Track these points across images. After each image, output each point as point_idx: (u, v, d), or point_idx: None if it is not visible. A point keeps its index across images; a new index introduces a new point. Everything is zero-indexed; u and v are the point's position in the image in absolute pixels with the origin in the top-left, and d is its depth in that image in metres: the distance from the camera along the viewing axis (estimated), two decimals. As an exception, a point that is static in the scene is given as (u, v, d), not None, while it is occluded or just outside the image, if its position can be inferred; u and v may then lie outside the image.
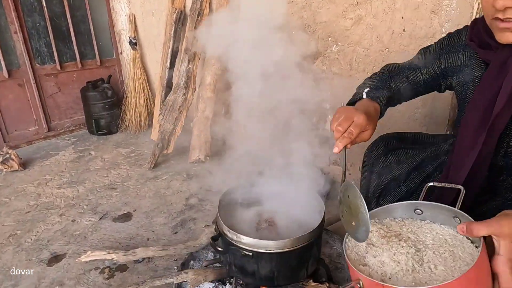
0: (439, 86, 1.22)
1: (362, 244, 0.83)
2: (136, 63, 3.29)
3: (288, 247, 1.13)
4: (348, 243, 0.85)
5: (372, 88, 1.15)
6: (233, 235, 1.16)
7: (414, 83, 1.21)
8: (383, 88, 1.15)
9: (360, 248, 0.83)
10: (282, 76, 1.78)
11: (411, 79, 1.21)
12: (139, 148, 2.95)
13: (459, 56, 1.08)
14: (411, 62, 1.24)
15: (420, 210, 0.88)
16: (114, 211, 2.07)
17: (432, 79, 1.19)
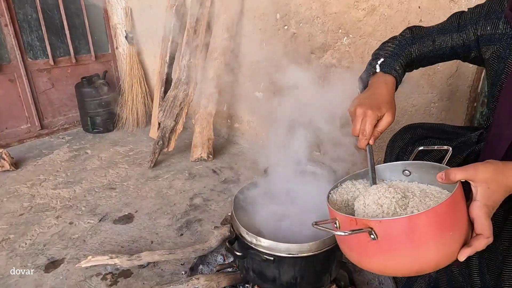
0: (467, 54, 1.08)
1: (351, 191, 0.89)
2: (133, 58, 3.16)
3: (313, 251, 1.04)
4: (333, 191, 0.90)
5: (387, 57, 1.05)
6: (252, 238, 1.06)
7: (440, 48, 1.09)
8: (400, 55, 1.06)
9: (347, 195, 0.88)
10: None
11: (437, 43, 1.09)
12: (138, 146, 2.83)
13: (499, 24, 0.97)
14: (440, 25, 1.11)
15: (408, 171, 0.89)
16: (114, 213, 1.95)
17: (463, 46, 1.08)
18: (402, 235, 0.66)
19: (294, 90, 2.35)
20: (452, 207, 0.66)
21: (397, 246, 0.67)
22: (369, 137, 0.88)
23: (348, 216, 0.72)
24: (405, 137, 1.27)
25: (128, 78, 3.16)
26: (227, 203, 2.05)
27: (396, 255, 0.68)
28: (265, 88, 2.48)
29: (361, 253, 0.74)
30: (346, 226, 0.72)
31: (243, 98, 2.64)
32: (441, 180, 0.72)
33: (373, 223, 0.67)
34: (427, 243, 0.66)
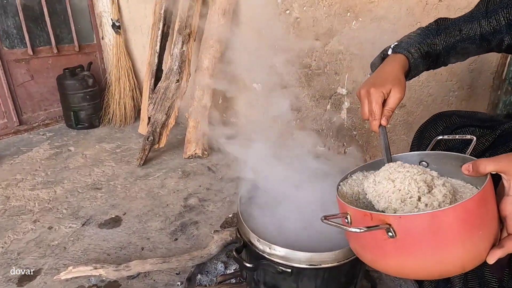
0: (500, 42, 0.97)
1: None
2: (120, 49, 2.95)
3: (339, 260, 0.87)
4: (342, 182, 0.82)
5: (404, 41, 0.97)
6: (265, 246, 0.89)
7: (468, 37, 0.98)
8: (420, 42, 0.96)
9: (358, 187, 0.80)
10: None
11: (464, 32, 0.98)
12: (126, 143, 2.62)
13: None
14: (467, 13, 1.01)
15: (426, 162, 0.83)
16: (100, 216, 1.75)
17: (493, 32, 0.96)
18: (425, 233, 0.59)
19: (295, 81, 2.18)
20: (482, 202, 0.60)
21: (419, 245, 0.60)
22: (379, 117, 0.82)
23: (362, 210, 0.64)
24: (438, 126, 1.11)
25: (115, 70, 2.95)
26: (226, 203, 1.87)
27: (417, 256, 0.61)
28: (264, 79, 2.30)
29: (376, 252, 0.67)
30: (359, 221, 0.64)
31: (240, 90, 2.46)
32: (468, 172, 0.66)
33: (392, 218, 0.60)
34: (453, 243, 0.59)
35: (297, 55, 2.09)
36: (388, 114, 0.83)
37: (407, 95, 1.78)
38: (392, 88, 0.83)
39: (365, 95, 0.85)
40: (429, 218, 0.58)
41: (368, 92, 0.84)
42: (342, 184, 0.82)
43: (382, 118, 0.83)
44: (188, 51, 2.27)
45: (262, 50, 2.21)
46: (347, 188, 0.82)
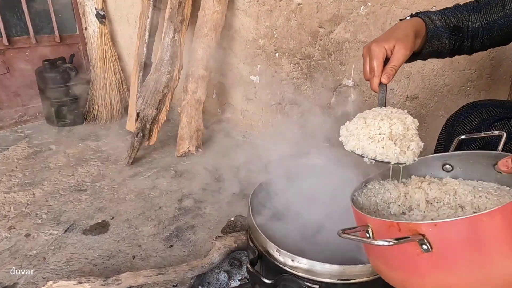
0: None
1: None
2: (104, 40, 2.74)
3: (374, 273, 0.73)
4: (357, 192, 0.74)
5: (430, 11, 0.88)
6: (287, 257, 0.74)
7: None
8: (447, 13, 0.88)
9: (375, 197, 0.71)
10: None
11: (508, 8, 0.87)
12: (112, 140, 2.43)
13: None
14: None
15: (450, 165, 0.75)
16: (85, 220, 1.57)
17: None
18: (467, 242, 0.50)
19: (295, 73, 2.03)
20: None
21: (461, 258, 0.51)
22: (379, 74, 0.75)
23: (386, 220, 0.55)
24: (472, 119, 0.98)
25: (99, 63, 2.74)
26: (224, 205, 1.71)
27: (459, 272, 0.51)
28: (262, 71, 2.15)
29: (407, 271, 0.57)
30: (384, 234, 0.55)
31: (236, 83, 2.30)
32: (506, 169, 0.58)
33: (425, 227, 0.50)
34: (503, 252, 0.49)
35: (298, 44, 1.95)
36: (390, 72, 0.75)
37: (419, 85, 1.66)
38: (396, 43, 0.76)
39: (367, 53, 0.79)
40: (471, 223, 0.49)
41: (369, 49, 0.78)
42: (357, 194, 0.74)
43: (383, 75, 0.75)
44: (181, 41, 2.10)
45: (260, 39, 2.06)
46: (363, 198, 0.73)
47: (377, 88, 0.77)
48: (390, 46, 0.76)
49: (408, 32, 0.79)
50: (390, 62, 0.76)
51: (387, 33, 0.81)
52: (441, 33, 0.86)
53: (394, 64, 0.76)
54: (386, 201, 0.71)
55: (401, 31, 0.79)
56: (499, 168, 0.60)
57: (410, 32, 0.79)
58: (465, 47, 0.93)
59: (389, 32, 0.81)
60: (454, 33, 0.89)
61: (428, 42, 0.85)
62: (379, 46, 0.76)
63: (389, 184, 0.74)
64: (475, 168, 0.71)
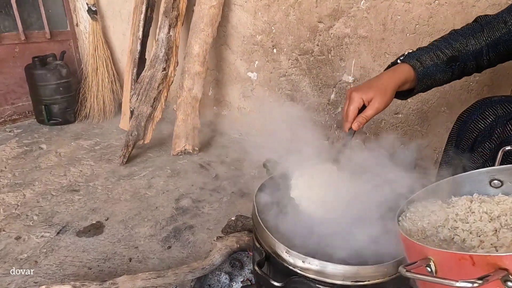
0: None
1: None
2: (97, 36, 2.67)
3: (390, 274, 0.69)
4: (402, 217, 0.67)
5: (418, 49, 0.91)
6: (298, 259, 0.70)
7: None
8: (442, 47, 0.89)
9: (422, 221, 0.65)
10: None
11: (510, 23, 0.87)
12: (105, 139, 2.37)
13: None
14: (510, 5, 0.91)
15: (499, 181, 0.66)
16: (78, 222, 1.51)
17: None
18: None
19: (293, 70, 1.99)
20: None
21: None
22: (351, 120, 0.84)
23: (456, 253, 0.48)
24: (487, 116, 0.95)
25: (91, 60, 2.67)
26: (223, 204, 1.67)
27: None
28: (260, 67, 2.11)
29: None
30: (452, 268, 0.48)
31: (233, 80, 2.26)
32: None
33: (509, 260, 0.42)
34: None
35: (297, 40, 1.91)
36: (361, 121, 0.83)
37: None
38: (374, 97, 0.82)
39: (348, 97, 0.87)
40: None
41: (350, 95, 0.85)
42: (401, 219, 0.68)
43: (354, 122, 0.84)
44: (176, 36, 2.05)
45: (258, 35, 2.02)
46: (408, 224, 0.66)
47: (346, 131, 0.86)
48: (368, 97, 0.83)
49: (389, 86, 0.84)
50: (364, 111, 0.84)
51: (369, 82, 0.86)
52: (432, 72, 0.88)
53: (366, 115, 0.83)
54: (434, 225, 0.64)
55: (381, 85, 0.84)
56: None
57: (390, 86, 0.84)
58: (470, 69, 0.93)
59: (371, 82, 0.86)
60: (451, 64, 0.89)
61: (419, 82, 0.88)
62: (358, 96, 0.83)
63: (434, 205, 0.68)
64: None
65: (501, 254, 0.44)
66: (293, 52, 1.95)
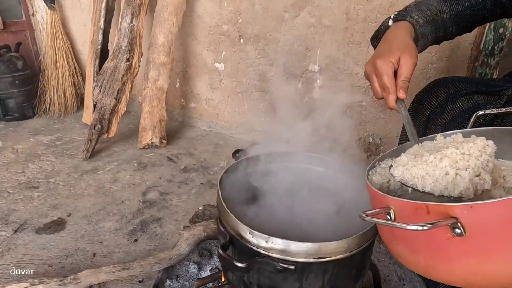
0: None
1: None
2: (55, 27, 2.54)
3: (351, 249, 0.71)
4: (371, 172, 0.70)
5: (403, 10, 0.87)
6: (261, 239, 0.70)
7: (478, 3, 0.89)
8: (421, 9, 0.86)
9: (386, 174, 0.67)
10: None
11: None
12: (67, 134, 2.26)
13: None
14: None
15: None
16: (38, 219, 1.44)
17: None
18: (505, 226, 0.45)
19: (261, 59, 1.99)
20: None
21: (497, 243, 0.46)
22: (394, 90, 0.71)
23: (413, 202, 0.50)
24: (439, 94, 0.99)
25: (50, 51, 2.54)
26: (192, 195, 1.64)
27: (494, 258, 0.47)
28: (227, 57, 2.09)
29: (435, 257, 0.52)
30: (408, 217, 0.51)
31: (200, 71, 2.22)
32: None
33: (459, 210, 0.46)
34: None
35: (263, 30, 1.91)
36: (405, 85, 0.71)
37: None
38: (401, 55, 0.72)
39: (372, 71, 0.75)
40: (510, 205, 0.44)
41: (375, 66, 0.73)
42: (371, 173, 0.69)
43: (398, 90, 0.71)
44: (139, 26, 1.98)
45: (224, 24, 2.00)
46: (377, 177, 0.68)
47: (395, 106, 0.72)
48: (396, 59, 0.72)
49: (408, 40, 0.76)
50: (400, 75, 0.72)
51: (387, 45, 0.77)
52: (426, 32, 0.85)
53: (406, 76, 0.72)
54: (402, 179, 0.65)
55: (400, 41, 0.76)
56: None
57: (409, 39, 0.77)
58: (439, 38, 0.93)
59: (389, 44, 0.77)
60: (434, 27, 0.88)
61: (417, 42, 0.83)
62: (385, 61, 0.72)
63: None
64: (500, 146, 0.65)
65: (452, 204, 0.46)
66: (260, 42, 1.94)
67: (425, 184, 0.57)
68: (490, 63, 1.49)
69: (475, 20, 0.92)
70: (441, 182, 0.55)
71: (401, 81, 0.72)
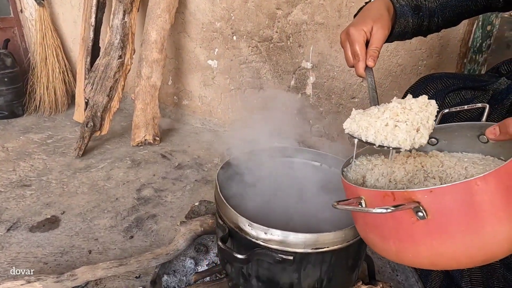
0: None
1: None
2: (45, 24, 2.50)
3: (348, 240, 0.73)
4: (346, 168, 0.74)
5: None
6: (260, 231, 0.71)
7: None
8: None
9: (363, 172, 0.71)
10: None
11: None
12: (59, 132, 2.24)
13: None
14: None
15: (435, 139, 0.75)
16: (31, 217, 1.43)
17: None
18: (463, 208, 0.49)
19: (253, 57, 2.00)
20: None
21: (456, 224, 0.50)
22: (364, 57, 0.74)
23: (381, 190, 0.55)
24: (428, 90, 1.02)
25: (39, 49, 2.50)
26: (186, 192, 1.65)
27: (455, 238, 0.51)
28: (220, 55, 2.09)
29: (403, 241, 0.56)
30: (378, 204, 0.54)
31: (193, 68, 2.22)
32: (494, 136, 0.58)
33: (420, 194, 0.50)
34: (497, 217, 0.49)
35: (256, 27, 1.91)
36: (374, 54, 0.74)
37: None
38: (373, 24, 0.75)
39: (345, 38, 0.77)
40: (466, 188, 0.49)
41: (348, 34, 0.76)
42: (346, 170, 0.74)
43: (367, 58, 0.74)
44: (132, 23, 1.97)
45: (217, 21, 2.00)
46: (352, 174, 0.73)
47: (363, 73, 0.74)
48: (369, 28, 0.75)
49: (382, 12, 0.78)
50: (371, 44, 0.75)
51: (361, 15, 0.79)
52: (406, 12, 0.85)
53: (376, 46, 0.74)
54: (375, 176, 0.70)
55: (375, 12, 0.78)
56: (487, 136, 0.60)
57: (384, 11, 0.79)
58: (424, 27, 0.94)
59: (363, 15, 0.79)
60: (416, 12, 0.88)
61: (396, 21, 0.84)
62: (357, 30, 0.74)
63: (377, 159, 0.74)
64: (460, 140, 0.71)
65: (414, 189, 0.50)
66: (253, 39, 1.95)
67: (368, 134, 0.61)
68: (478, 59, 1.53)
69: (460, 12, 0.93)
70: (381, 132, 0.59)
71: (371, 50, 0.74)
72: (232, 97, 2.15)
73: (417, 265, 0.57)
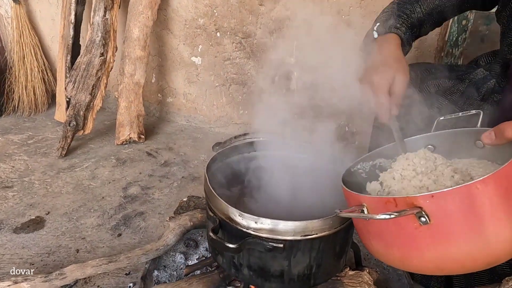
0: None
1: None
2: (22, 21, 2.43)
3: (335, 226, 0.75)
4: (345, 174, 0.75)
5: (384, 20, 0.92)
6: (250, 220, 0.73)
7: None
8: (399, 15, 0.92)
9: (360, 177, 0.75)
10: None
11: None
12: (39, 133, 2.19)
13: None
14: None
15: (433, 146, 0.75)
16: (14, 219, 1.40)
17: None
18: (464, 211, 0.50)
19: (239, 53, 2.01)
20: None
21: (459, 228, 0.51)
22: (388, 107, 0.77)
23: (383, 197, 0.57)
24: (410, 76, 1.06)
25: (17, 47, 2.43)
26: (174, 189, 1.65)
27: (458, 241, 0.52)
28: (204, 51, 2.09)
29: (406, 247, 0.57)
30: (381, 211, 0.54)
31: (177, 65, 2.21)
32: (490, 141, 0.60)
33: (422, 200, 0.50)
34: (498, 219, 0.50)
35: (240, 23, 1.92)
36: (397, 102, 0.77)
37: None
38: (395, 73, 0.77)
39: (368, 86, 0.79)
40: (466, 192, 0.50)
41: (371, 83, 0.78)
42: (346, 177, 0.75)
43: (392, 108, 0.77)
44: (113, 20, 1.95)
45: (200, 18, 2.00)
46: (352, 180, 0.75)
47: (387, 121, 0.77)
48: (391, 76, 0.77)
49: (400, 56, 0.82)
50: (394, 92, 0.77)
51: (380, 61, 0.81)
52: (409, 38, 0.91)
53: (399, 93, 0.77)
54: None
55: (393, 57, 0.81)
56: (483, 141, 0.62)
57: (401, 55, 0.82)
58: (417, 36, 1.00)
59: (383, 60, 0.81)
60: (414, 30, 0.94)
61: (404, 49, 0.88)
62: (382, 79, 0.77)
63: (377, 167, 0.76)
64: (457, 146, 0.72)
65: (416, 194, 0.51)
66: (237, 35, 1.96)
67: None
68: (455, 53, 1.59)
69: (447, 15, 1.00)
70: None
71: (394, 98, 0.77)
72: (216, 94, 2.15)
73: (423, 270, 0.58)
